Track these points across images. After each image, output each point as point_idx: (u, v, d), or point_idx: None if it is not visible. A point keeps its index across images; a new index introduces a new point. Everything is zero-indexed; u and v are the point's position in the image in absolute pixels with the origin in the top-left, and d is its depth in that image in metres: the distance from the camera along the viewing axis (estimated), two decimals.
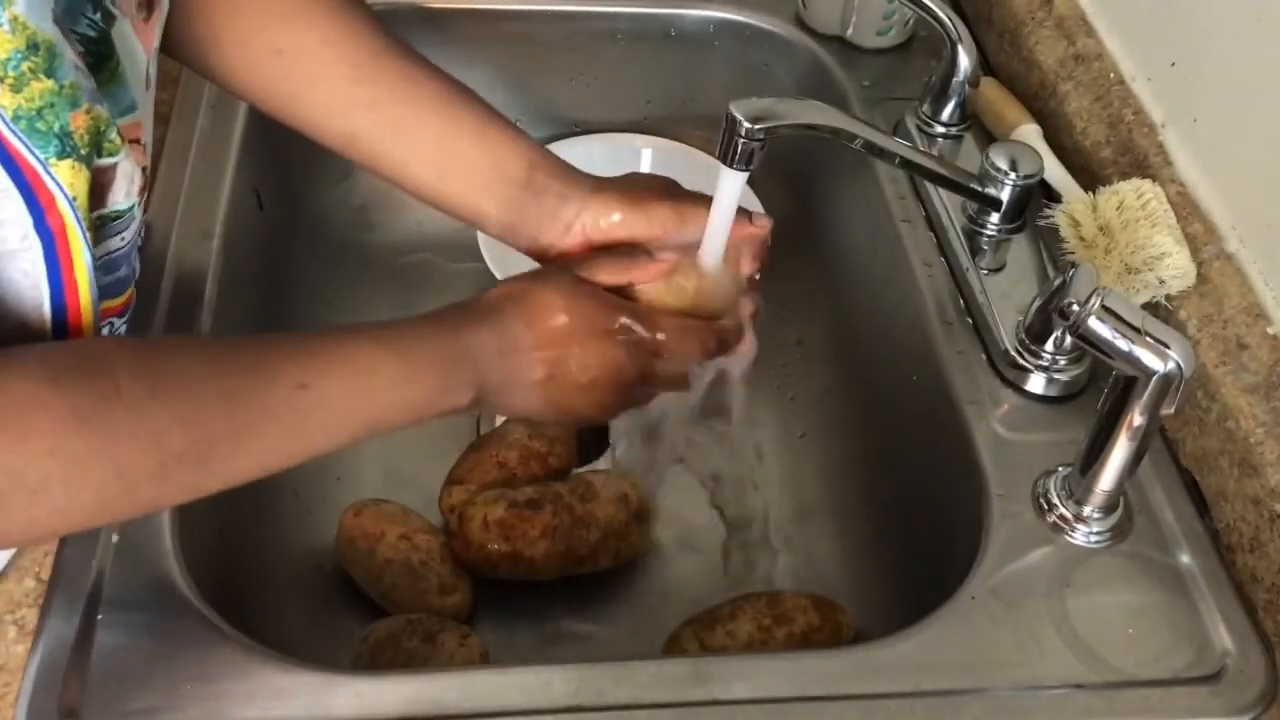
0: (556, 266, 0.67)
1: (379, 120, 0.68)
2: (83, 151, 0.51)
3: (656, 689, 0.59)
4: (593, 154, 1.02)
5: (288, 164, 0.94)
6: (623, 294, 0.65)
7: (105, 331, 0.61)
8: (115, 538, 0.63)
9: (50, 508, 0.47)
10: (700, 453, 0.89)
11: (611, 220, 0.68)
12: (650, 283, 0.66)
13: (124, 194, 0.55)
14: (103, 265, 0.57)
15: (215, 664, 0.58)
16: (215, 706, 0.57)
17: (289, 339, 0.58)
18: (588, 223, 0.68)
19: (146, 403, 0.48)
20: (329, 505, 0.81)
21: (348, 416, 0.55)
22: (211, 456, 0.51)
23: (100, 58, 0.53)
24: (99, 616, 0.60)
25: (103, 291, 0.58)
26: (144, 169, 0.57)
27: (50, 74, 0.48)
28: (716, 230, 0.67)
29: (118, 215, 0.56)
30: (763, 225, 0.70)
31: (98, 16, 0.52)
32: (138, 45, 0.56)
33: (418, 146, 0.68)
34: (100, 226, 0.55)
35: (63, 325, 0.54)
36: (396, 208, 1.01)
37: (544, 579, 0.78)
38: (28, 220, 0.50)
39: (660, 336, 0.64)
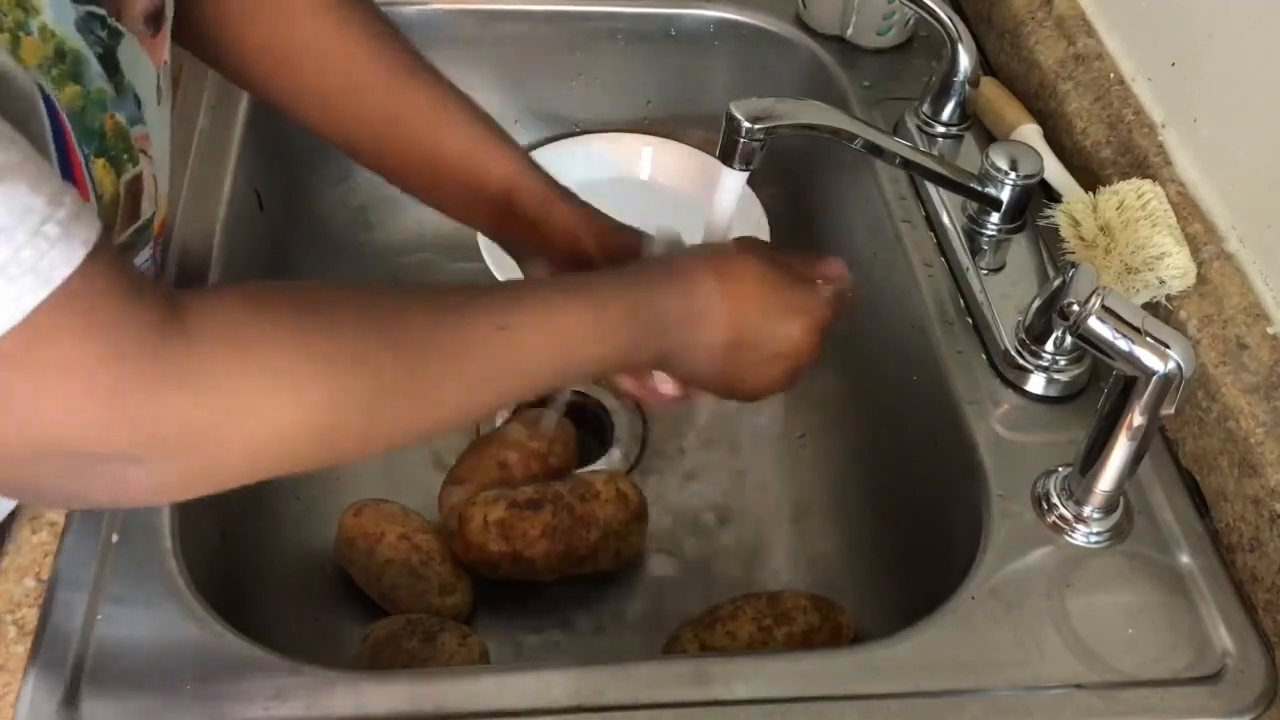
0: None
1: (371, 135, 0.69)
2: (112, 153, 0.52)
3: (656, 689, 0.59)
4: (593, 154, 1.02)
5: (288, 164, 0.94)
6: None
7: None
8: (115, 538, 0.63)
9: (269, 432, 0.46)
10: (699, 451, 0.90)
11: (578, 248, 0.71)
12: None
13: (149, 201, 0.56)
14: None
15: (215, 664, 0.58)
16: (215, 706, 0.57)
17: (488, 286, 0.60)
18: (560, 251, 0.70)
19: (361, 329, 0.49)
20: (329, 505, 0.81)
21: (543, 361, 0.56)
22: (421, 388, 0.51)
23: (108, 72, 0.54)
24: (99, 616, 0.60)
25: None
26: (154, 176, 0.58)
27: (78, 79, 0.49)
28: (715, 233, 0.67)
29: (144, 225, 0.57)
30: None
31: (104, 34, 0.53)
32: (146, 59, 0.57)
33: (411, 158, 0.70)
34: (136, 240, 0.56)
35: None
36: (396, 208, 1.01)
37: (544, 579, 0.78)
38: None
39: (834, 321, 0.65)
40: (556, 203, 0.70)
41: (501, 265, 0.88)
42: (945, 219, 0.84)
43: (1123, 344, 0.60)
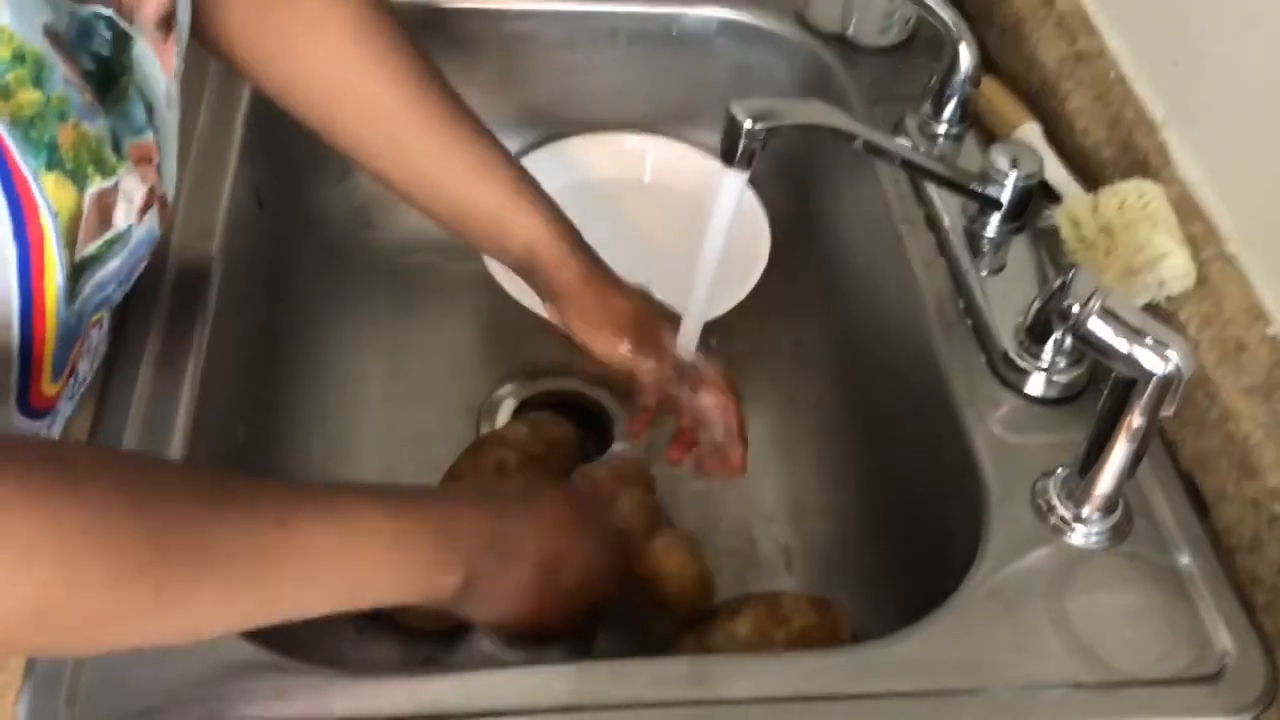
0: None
1: (406, 176, 0.72)
2: (69, 166, 0.50)
3: (656, 689, 0.59)
4: (593, 154, 1.02)
5: (288, 164, 0.94)
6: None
7: (87, 342, 0.61)
8: None
9: None
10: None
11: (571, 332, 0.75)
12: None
13: (123, 215, 0.55)
14: (99, 283, 0.57)
15: (215, 664, 0.58)
16: (215, 706, 0.57)
17: (278, 482, 0.56)
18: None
19: (116, 503, 0.45)
20: None
21: (329, 571, 0.52)
22: (173, 580, 0.46)
23: (110, 76, 0.53)
24: None
25: (95, 307, 0.58)
26: (151, 188, 0.57)
27: (38, 85, 0.48)
28: (715, 235, 0.67)
29: (117, 237, 0.56)
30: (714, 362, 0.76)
31: (110, 35, 0.52)
32: (157, 66, 0.56)
33: (440, 207, 0.73)
34: (106, 250, 0.55)
35: (28, 341, 0.53)
36: (396, 208, 1.00)
37: None
38: (8, 225, 0.49)
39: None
40: (572, 270, 0.73)
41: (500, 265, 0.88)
42: (945, 219, 0.84)
43: (1122, 345, 0.60)
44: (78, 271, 0.55)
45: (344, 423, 0.88)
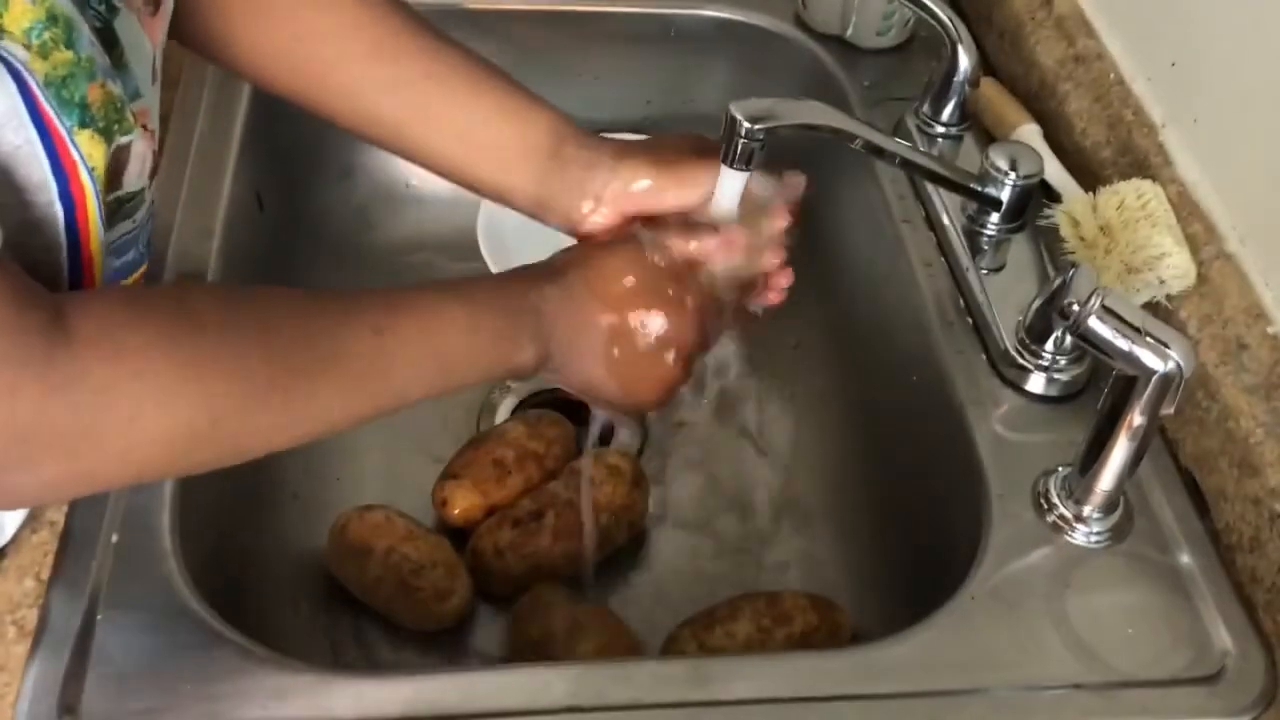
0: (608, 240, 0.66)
1: (401, 101, 0.67)
2: (100, 124, 0.51)
3: (655, 689, 0.59)
4: None
5: (288, 164, 0.94)
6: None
7: None
8: (115, 538, 0.63)
9: (144, 435, 0.47)
10: (699, 453, 0.89)
11: (641, 186, 0.65)
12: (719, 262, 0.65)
13: (137, 175, 0.56)
14: (115, 248, 0.57)
15: (215, 664, 0.58)
16: (215, 706, 0.57)
17: (364, 291, 0.58)
18: (618, 191, 0.65)
19: (230, 333, 0.49)
20: (329, 506, 0.81)
21: (420, 365, 0.56)
22: (294, 392, 0.51)
23: (107, 45, 0.54)
24: (99, 616, 0.60)
25: (115, 274, 0.58)
26: (154, 152, 0.58)
27: (70, 45, 0.49)
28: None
29: (130, 197, 0.56)
30: (797, 184, 0.71)
31: (103, 8, 0.52)
32: (144, 38, 0.56)
33: (443, 125, 0.67)
34: (116, 209, 0.56)
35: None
36: (396, 208, 1.01)
37: (569, 571, 0.78)
38: (53, 187, 0.50)
39: (721, 308, 0.66)
40: (607, 144, 0.68)
41: (502, 265, 0.88)
42: (945, 219, 0.84)
43: (1122, 344, 0.60)
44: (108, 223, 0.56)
45: None
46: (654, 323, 0.62)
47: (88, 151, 0.51)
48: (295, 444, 0.53)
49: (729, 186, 0.66)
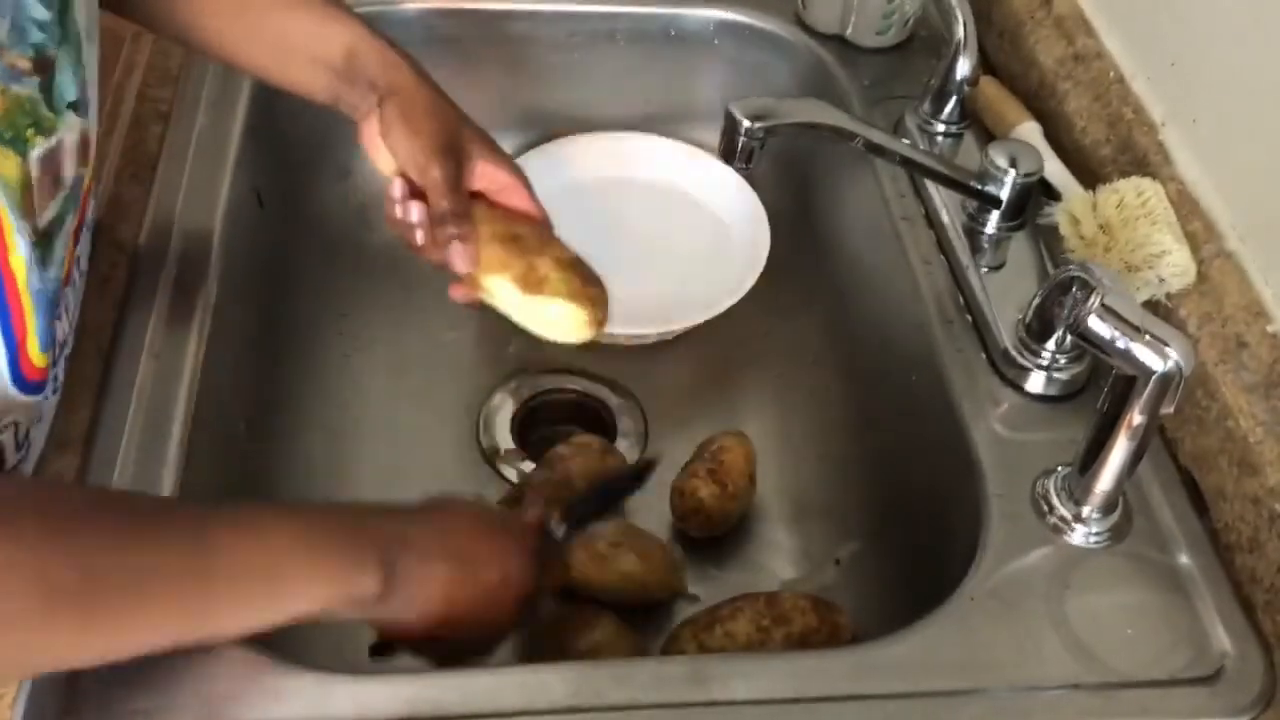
0: None
1: (213, 20, 0.71)
2: (8, 135, 0.50)
3: (655, 689, 0.59)
4: (593, 154, 1.02)
5: (287, 163, 0.94)
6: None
7: (60, 304, 0.61)
8: None
9: None
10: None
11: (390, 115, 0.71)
12: None
13: (69, 168, 0.55)
14: (63, 243, 0.57)
15: (215, 664, 0.58)
16: (215, 707, 0.57)
17: (192, 503, 0.57)
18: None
19: (34, 537, 0.45)
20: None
21: (249, 584, 0.52)
22: (101, 605, 0.47)
23: (64, 7, 0.53)
24: None
25: (46, 264, 0.58)
26: (83, 134, 0.57)
27: None
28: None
29: (70, 192, 0.56)
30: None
31: None
32: None
33: (249, 32, 0.71)
34: (60, 212, 0.55)
35: (6, 318, 0.54)
36: None
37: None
38: None
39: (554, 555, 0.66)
40: (395, 61, 0.71)
41: None
42: (945, 217, 0.84)
43: (1122, 343, 0.60)
44: (46, 238, 0.55)
45: (344, 422, 0.88)
46: (497, 552, 0.61)
47: None
48: (101, 660, 0.50)
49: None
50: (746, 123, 0.74)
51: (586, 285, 0.71)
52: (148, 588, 0.48)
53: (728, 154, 0.76)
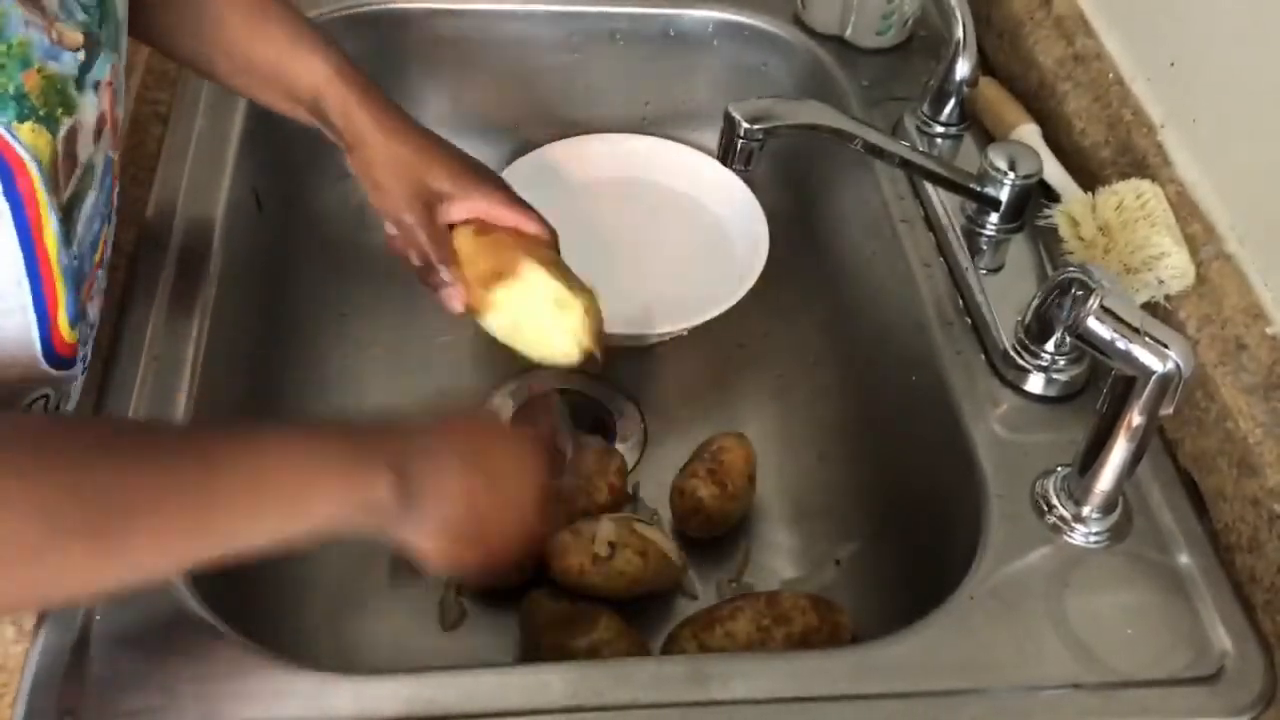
0: None
1: (190, 39, 0.71)
2: (42, 112, 0.50)
3: (655, 689, 0.59)
4: (593, 154, 1.02)
5: (287, 164, 0.94)
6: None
7: (96, 284, 0.62)
8: None
9: None
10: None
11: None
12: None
13: (84, 147, 0.55)
14: (87, 221, 0.57)
15: (214, 664, 0.58)
16: (214, 706, 0.57)
17: (196, 423, 0.56)
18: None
19: (32, 470, 0.45)
20: None
21: (257, 500, 0.51)
22: (106, 532, 0.46)
23: None
24: (97, 616, 0.60)
25: (89, 248, 0.58)
26: (102, 113, 0.57)
27: None
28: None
29: (86, 171, 0.56)
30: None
31: None
32: None
33: (230, 66, 0.72)
34: (79, 191, 0.56)
35: (39, 292, 0.54)
36: None
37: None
38: None
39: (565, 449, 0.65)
40: (357, 113, 0.72)
41: None
42: (944, 219, 0.84)
43: (1121, 344, 0.60)
44: (68, 213, 0.56)
45: None
46: (505, 448, 0.60)
47: (33, 144, 0.50)
48: (116, 589, 0.50)
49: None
50: (745, 124, 0.74)
51: (576, 310, 0.71)
52: (152, 510, 0.47)
53: (727, 155, 0.76)
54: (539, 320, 0.72)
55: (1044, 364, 0.74)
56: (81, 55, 0.54)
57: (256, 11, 0.71)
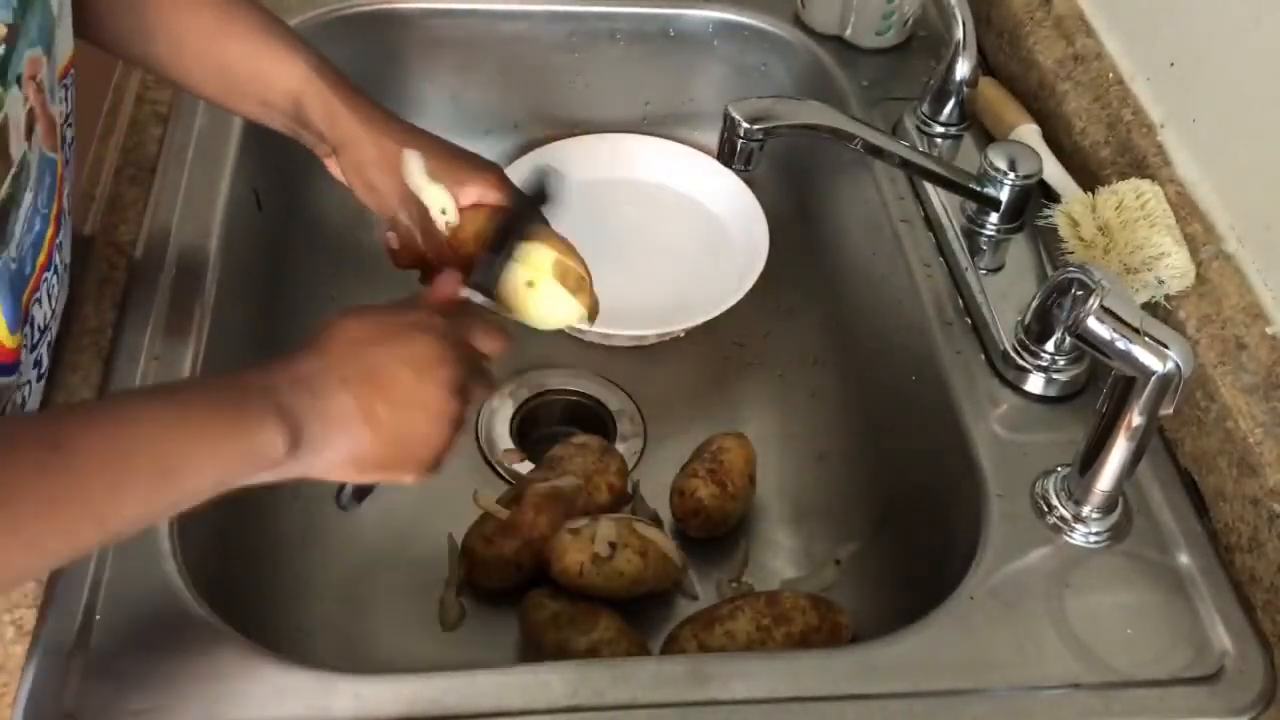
0: None
1: (164, 47, 0.69)
2: None
3: (655, 689, 0.59)
4: (592, 154, 1.02)
5: (286, 164, 0.94)
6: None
7: (42, 288, 0.60)
8: None
9: None
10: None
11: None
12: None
13: (16, 145, 0.54)
14: (23, 224, 0.56)
15: (215, 664, 0.58)
16: (214, 706, 0.57)
17: (45, 410, 0.53)
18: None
19: None
20: (328, 503, 0.80)
21: (126, 472, 0.48)
22: None
23: None
24: (98, 616, 0.60)
25: (30, 249, 0.57)
26: (31, 108, 0.55)
27: None
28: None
29: (20, 171, 0.55)
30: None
31: None
32: None
33: (200, 69, 0.70)
34: (12, 194, 0.54)
35: None
36: None
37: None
38: None
39: (461, 325, 0.61)
40: (342, 113, 0.69)
41: None
42: (944, 219, 0.84)
43: (1121, 344, 0.60)
44: (3, 214, 0.54)
45: None
46: (400, 355, 0.56)
47: None
48: (13, 579, 0.48)
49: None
50: (745, 124, 0.74)
51: (578, 272, 0.70)
52: (13, 507, 0.45)
53: (727, 155, 0.76)
54: (518, 300, 0.70)
55: (1044, 364, 0.74)
56: (1, 48, 0.52)
57: (222, 11, 0.69)
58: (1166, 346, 0.59)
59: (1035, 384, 0.74)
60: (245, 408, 0.52)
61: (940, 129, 0.90)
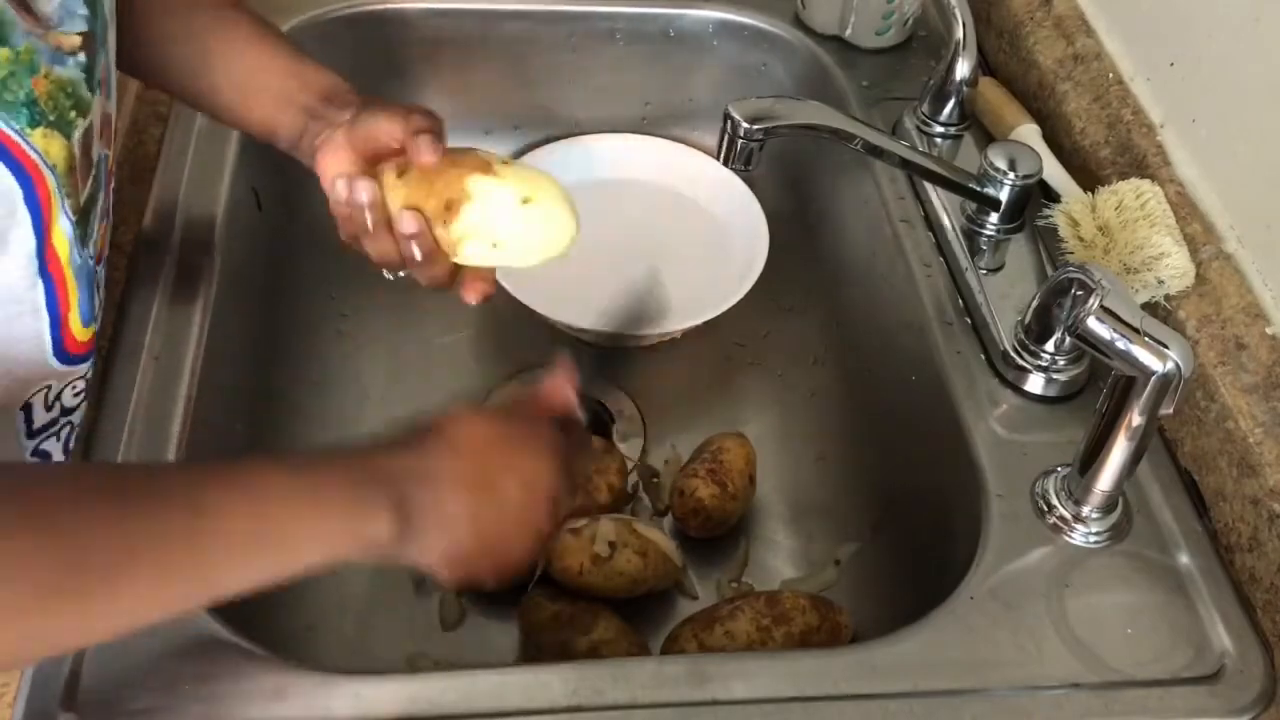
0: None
1: (191, 51, 0.69)
2: (52, 117, 0.51)
3: (655, 689, 0.59)
4: (592, 154, 1.02)
5: (287, 164, 0.93)
6: None
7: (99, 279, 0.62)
8: None
9: None
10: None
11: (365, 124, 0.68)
12: None
13: (96, 148, 0.56)
14: (97, 220, 0.58)
15: (215, 664, 0.58)
16: (215, 706, 0.57)
17: (185, 464, 0.55)
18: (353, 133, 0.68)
19: (12, 523, 0.43)
20: None
21: (249, 542, 0.50)
22: (91, 592, 0.45)
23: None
24: None
25: (91, 242, 0.59)
26: (105, 113, 0.57)
27: (4, 41, 0.48)
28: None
29: (98, 170, 0.57)
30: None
31: None
32: None
33: (229, 75, 0.70)
34: (94, 193, 0.56)
35: (52, 293, 0.55)
36: None
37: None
38: (17, 194, 0.50)
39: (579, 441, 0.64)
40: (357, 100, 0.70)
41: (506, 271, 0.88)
42: (944, 219, 0.84)
43: (1121, 344, 0.60)
44: (84, 216, 0.56)
45: (343, 422, 0.88)
46: (514, 469, 0.58)
47: (47, 150, 0.50)
48: (99, 641, 0.49)
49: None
50: (745, 124, 0.74)
51: (546, 195, 0.67)
52: (141, 561, 0.46)
53: (726, 155, 0.76)
54: (514, 227, 0.66)
55: (1044, 364, 0.74)
56: (83, 57, 0.54)
57: (256, 34, 0.70)
58: (1166, 346, 0.59)
59: (1035, 384, 0.74)
60: (368, 494, 0.53)
61: (940, 129, 0.90)
